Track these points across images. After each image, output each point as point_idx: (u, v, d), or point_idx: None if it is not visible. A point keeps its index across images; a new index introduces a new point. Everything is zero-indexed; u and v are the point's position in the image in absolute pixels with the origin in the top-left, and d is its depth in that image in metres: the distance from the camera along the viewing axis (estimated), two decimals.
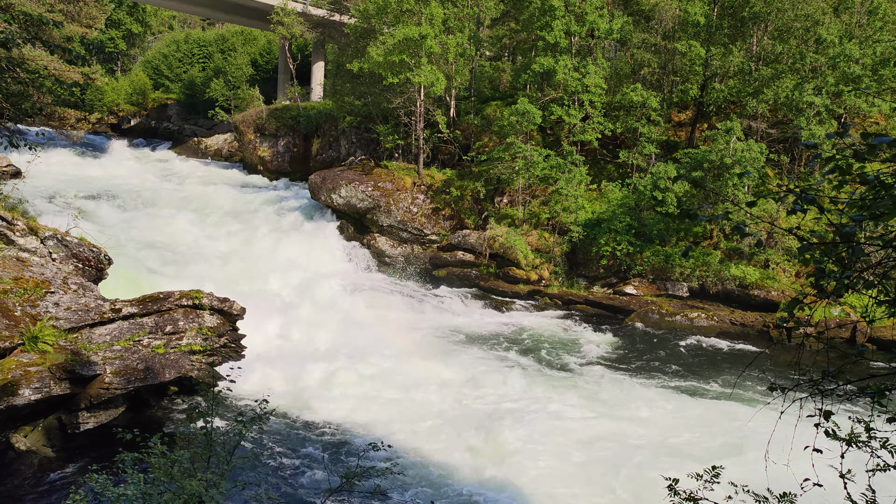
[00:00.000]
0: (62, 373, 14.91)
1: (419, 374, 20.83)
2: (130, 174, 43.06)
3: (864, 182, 3.55)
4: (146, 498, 5.58)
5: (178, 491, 5.47)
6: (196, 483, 5.46)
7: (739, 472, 5.75)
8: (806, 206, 3.60)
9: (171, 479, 5.64)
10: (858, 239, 3.55)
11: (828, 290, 3.86)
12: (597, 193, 33.34)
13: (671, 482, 5.18)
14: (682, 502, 5.05)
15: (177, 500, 5.41)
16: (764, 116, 32.44)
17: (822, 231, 3.98)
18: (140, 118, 66.74)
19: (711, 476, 5.08)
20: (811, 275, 3.82)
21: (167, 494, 5.47)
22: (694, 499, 5.00)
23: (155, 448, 5.92)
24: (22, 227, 18.23)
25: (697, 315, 28.26)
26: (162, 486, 5.60)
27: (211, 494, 5.56)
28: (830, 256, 3.65)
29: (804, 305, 4.08)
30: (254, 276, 27.53)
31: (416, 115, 34.57)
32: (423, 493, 14.26)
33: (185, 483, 5.49)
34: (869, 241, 3.74)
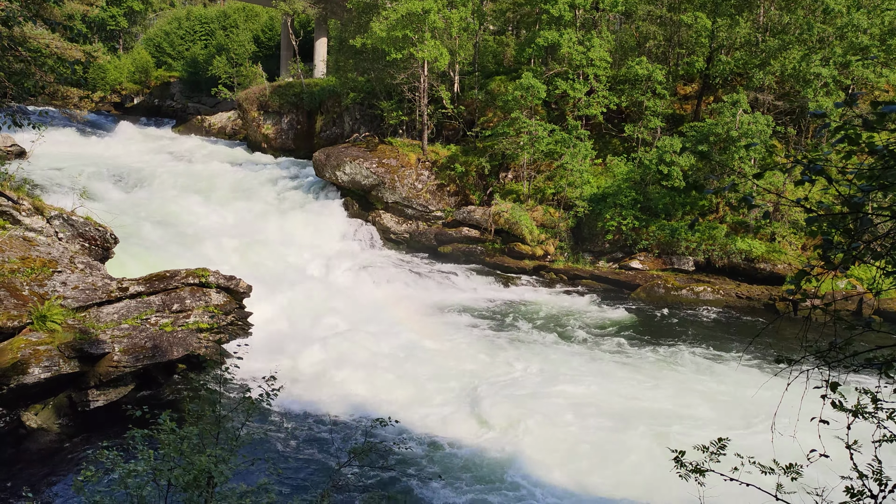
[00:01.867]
0: (71, 351, 15.02)
1: (424, 350, 20.92)
2: (134, 153, 43.02)
3: (873, 152, 3.51)
4: (156, 473, 5.64)
5: (187, 466, 5.53)
6: (205, 459, 5.52)
7: (746, 444, 5.78)
8: (814, 177, 3.57)
9: (180, 455, 5.70)
10: (866, 210, 3.52)
11: (835, 261, 3.84)
12: (602, 168, 33.19)
13: (677, 454, 5.21)
14: (688, 474, 5.08)
15: (186, 476, 5.47)
16: (770, 88, 32.15)
17: (829, 202, 3.95)
18: (143, 97, 66.51)
19: (718, 448, 5.11)
20: (818, 247, 3.80)
21: (177, 470, 5.53)
22: (700, 470, 5.03)
23: (164, 425, 5.97)
24: (28, 206, 18.26)
25: (703, 289, 28.24)
26: (172, 462, 5.67)
27: (220, 470, 5.62)
28: (838, 228, 3.62)
29: (811, 277, 4.06)
30: (259, 254, 27.57)
31: (420, 90, 34.37)
32: (430, 466, 14.38)
33: (195, 459, 5.55)
34: (877, 211, 3.71)
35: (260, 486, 6.20)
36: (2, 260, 16.19)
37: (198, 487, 5.54)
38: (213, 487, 5.67)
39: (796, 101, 31.10)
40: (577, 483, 14.02)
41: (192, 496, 5.55)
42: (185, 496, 5.61)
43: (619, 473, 14.34)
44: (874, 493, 4.31)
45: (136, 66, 66.86)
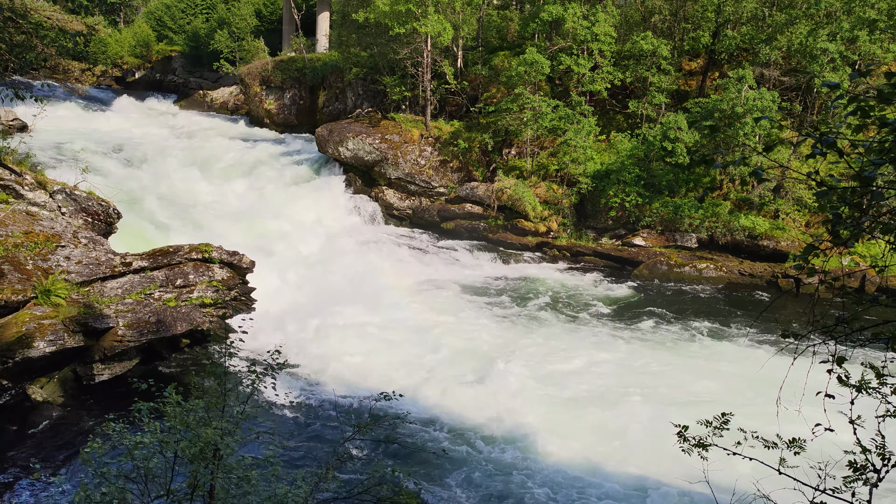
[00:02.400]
0: (75, 325, 15.08)
1: (427, 326, 20.99)
2: (136, 128, 42.88)
3: (884, 125, 3.48)
4: (163, 445, 5.69)
5: (193, 439, 5.58)
6: (211, 431, 5.56)
7: (749, 420, 5.80)
8: (825, 150, 3.53)
9: (186, 428, 5.74)
10: (877, 184, 3.49)
11: (843, 236, 3.81)
12: (606, 144, 33.04)
13: (681, 429, 5.23)
14: (691, 448, 5.11)
15: (193, 448, 5.52)
16: (777, 64, 31.88)
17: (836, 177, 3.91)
18: (144, 71, 66.12)
19: (721, 423, 5.13)
20: (826, 221, 3.78)
21: (183, 442, 5.57)
22: (703, 445, 5.06)
23: (170, 398, 6.01)
24: (30, 180, 18.24)
25: (706, 266, 28.23)
26: (178, 435, 5.71)
27: (226, 442, 5.66)
28: (847, 202, 3.60)
29: (819, 252, 4.05)
30: (261, 230, 27.57)
31: (423, 65, 34.13)
32: (434, 441, 14.49)
33: (201, 431, 5.59)
34: (888, 185, 3.68)
35: (265, 458, 6.26)
36: (5, 234, 16.21)
37: (204, 459, 5.59)
38: (219, 460, 5.72)
39: (802, 77, 30.86)
40: (581, 457, 14.12)
41: (199, 468, 5.60)
42: (191, 468, 5.66)
43: (623, 448, 14.43)
44: (877, 467, 4.34)
45: (137, 40, 66.40)
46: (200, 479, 5.64)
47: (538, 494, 12.88)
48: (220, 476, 5.76)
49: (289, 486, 6.20)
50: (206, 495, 5.78)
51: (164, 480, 5.80)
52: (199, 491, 5.74)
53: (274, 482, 6.13)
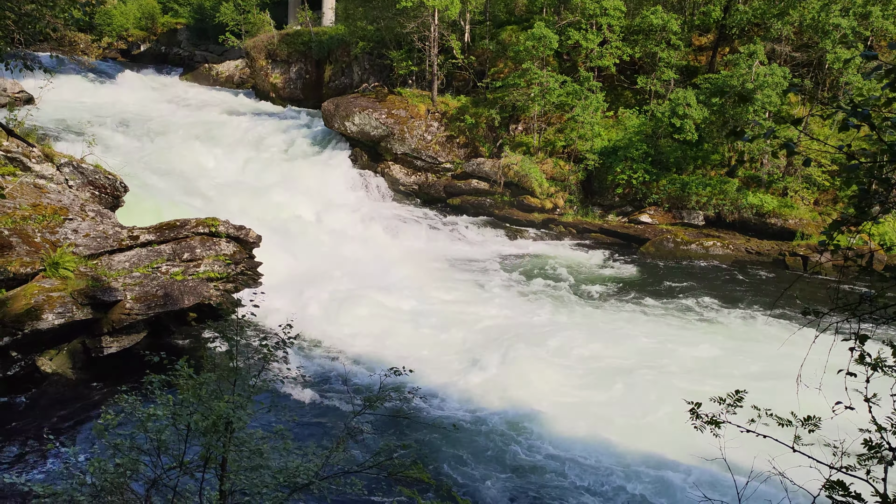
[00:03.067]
0: (84, 298, 15.14)
1: (434, 301, 21.01)
2: (142, 101, 42.69)
3: None
4: (176, 418, 5.71)
5: (206, 412, 5.59)
6: (224, 404, 5.57)
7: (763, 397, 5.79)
8: (859, 123, 3.46)
9: (199, 401, 5.76)
10: None
11: (871, 212, 3.76)
12: (613, 121, 32.80)
13: (693, 406, 5.22)
14: (704, 426, 5.10)
15: (205, 421, 5.54)
16: (788, 39, 31.52)
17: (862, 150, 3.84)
18: (150, 44, 65.66)
19: (734, 400, 5.12)
20: (853, 196, 3.71)
21: (196, 415, 5.59)
22: (716, 422, 5.05)
23: (182, 371, 6.02)
24: (38, 153, 18.21)
25: (713, 243, 28.14)
26: (191, 407, 5.73)
27: (239, 415, 5.68)
28: (876, 177, 3.54)
29: (844, 230, 3.99)
30: (267, 204, 27.53)
31: (430, 40, 33.84)
32: (444, 416, 14.56)
33: (213, 404, 5.60)
34: None
35: (276, 431, 6.29)
36: (13, 206, 16.22)
37: (216, 432, 5.61)
38: (231, 433, 5.74)
39: (814, 53, 30.52)
40: (591, 435, 14.17)
41: (211, 440, 5.63)
42: (203, 440, 5.68)
43: (633, 426, 14.47)
44: (892, 445, 4.32)
45: (143, 12, 65.88)
46: (213, 452, 5.66)
47: (547, 468, 12.95)
48: (233, 449, 5.79)
49: (300, 459, 6.23)
50: (219, 467, 5.82)
51: (177, 452, 5.83)
52: (211, 463, 5.77)
53: (285, 455, 6.17)
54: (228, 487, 5.80)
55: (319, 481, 5.96)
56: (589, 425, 14.44)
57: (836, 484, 4.07)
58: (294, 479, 5.86)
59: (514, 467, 12.98)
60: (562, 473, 12.78)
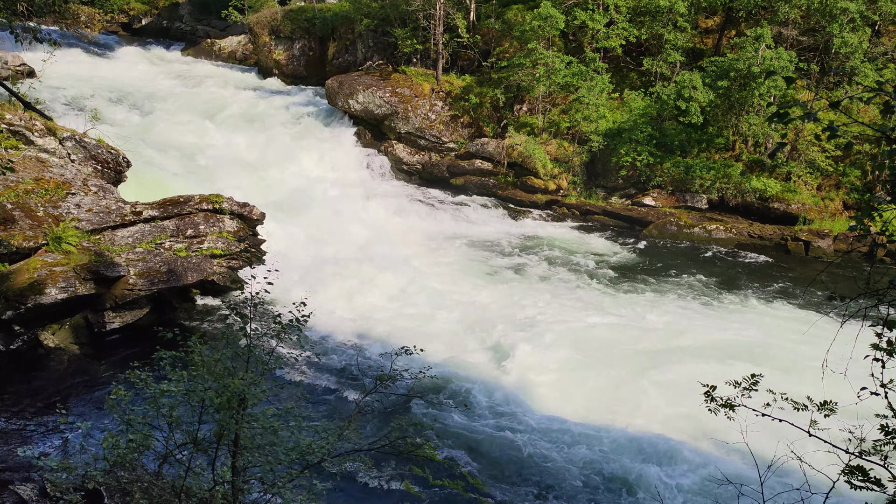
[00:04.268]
0: (87, 273, 15.13)
1: (437, 281, 21.00)
2: (144, 76, 42.40)
3: None
4: (189, 394, 5.71)
5: (220, 389, 5.58)
6: (238, 381, 5.56)
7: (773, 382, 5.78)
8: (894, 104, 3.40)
9: (213, 378, 5.75)
10: None
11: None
12: (618, 102, 32.62)
13: (708, 388, 5.21)
14: (718, 409, 5.09)
15: (220, 398, 5.53)
16: (795, 23, 31.27)
17: None
18: (151, 17, 65.07)
19: (750, 384, 5.10)
20: (887, 181, 3.66)
21: (210, 392, 5.58)
22: (731, 405, 5.04)
23: (195, 347, 6.00)
24: (40, 127, 18.10)
25: (716, 227, 28.10)
26: (205, 384, 5.72)
27: (253, 392, 5.68)
28: None
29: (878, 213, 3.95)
30: (270, 182, 27.44)
31: (436, 18, 33.55)
32: (453, 397, 14.60)
33: (228, 381, 5.59)
34: None
35: (288, 409, 6.29)
36: (16, 180, 16.15)
37: (230, 409, 5.60)
38: (244, 410, 5.74)
39: (821, 37, 30.30)
40: (597, 418, 14.21)
41: (224, 417, 5.62)
42: (217, 417, 5.68)
43: (638, 409, 14.51)
44: None
45: None
46: (226, 429, 5.66)
47: (555, 450, 13.00)
48: (246, 426, 5.79)
49: (312, 436, 6.24)
50: (231, 444, 5.83)
51: (190, 429, 5.83)
52: (224, 440, 5.77)
53: (297, 433, 6.17)
54: (241, 464, 5.81)
55: (331, 459, 5.98)
56: (594, 408, 14.49)
57: (856, 469, 4.07)
58: (306, 456, 5.88)
59: (521, 446, 13.02)
60: (568, 454, 12.83)
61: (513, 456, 12.77)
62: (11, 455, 9.32)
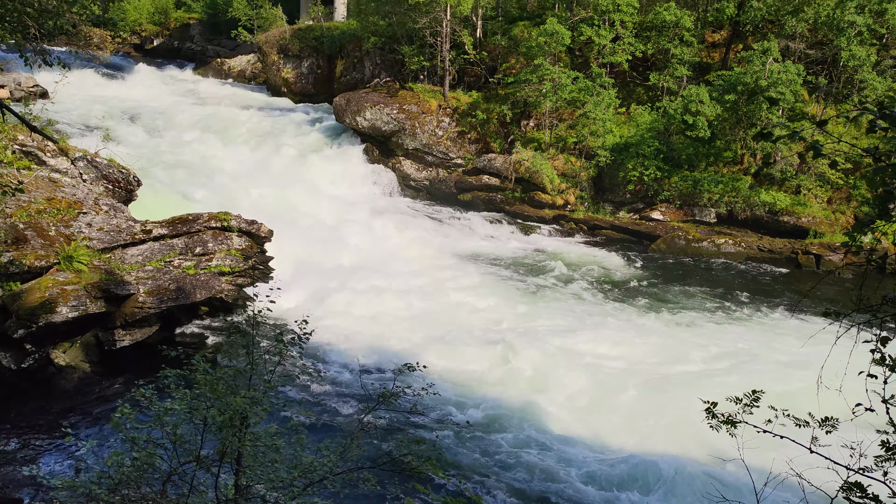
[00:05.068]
0: (97, 291, 15.24)
1: (445, 297, 21.00)
2: (155, 95, 42.83)
3: None
4: (192, 412, 5.75)
5: (222, 407, 5.63)
6: (240, 399, 5.60)
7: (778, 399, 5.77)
8: (887, 126, 3.44)
9: (216, 396, 5.79)
10: None
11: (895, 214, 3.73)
12: (625, 117, 32.68)
13: (709, 405, 5.21)
14: (720, 425, 5.09)
15: (222, 416, 5.57)
16: (803, 36, 31.31)
17: None
18: (163, 38, 65.83)
19: (751, 400, 5.10)
20: (878, 198, 3.68)
21: (213, 410, 5.62)
22: (732, 422, 5.04)
23: (199, 365, 6.05)
24: (53, 147, 18.32)
25: (725, 241, 28.02)
26: (208, 402, 5.76)
27: (255, 411, 5.72)
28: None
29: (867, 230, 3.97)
30: (279, 199, 27.59)
31: (442, 35, 33.79)
32: (457, 413, 14.57)
33: (230, 399, 5.63)
34: None
35: (291, 427, 6.32)
36: (28, 200, 16.33)
37: (232, 427, 5.64)
38: (247, 428, 5.77)
39: (829, 50, 30.31)
40: (602, 435, 14.14)
41: (227, 435, 5.66)
42: (220, 435, 5.72)
43: (647, 425, 14.43)
44: None
45: (156, 7, 66.04)
46: (229, 447, 5.70)
47: (558, 467, 12.95)
48: (248, 444, 5.82)
49: (314, 454, 6.26)
50: (234, 462, 5.86)
51: (193, 447, 5.86)
52: (227, 458, 5.81)
53: (300, 451, 6.20)
54: (244, 482, 5.84)
55: (333, 476, 5.99)
56: (600, 424, 14.43)
57: (854, 485, 4.06)
58: (309, 473, 5.90)
59: (525, 465, 12.97)
60: (570, 473, 12.77)
61: (518, 475, 12.72)
62: (17, 473, 9.37)
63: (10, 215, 15.50)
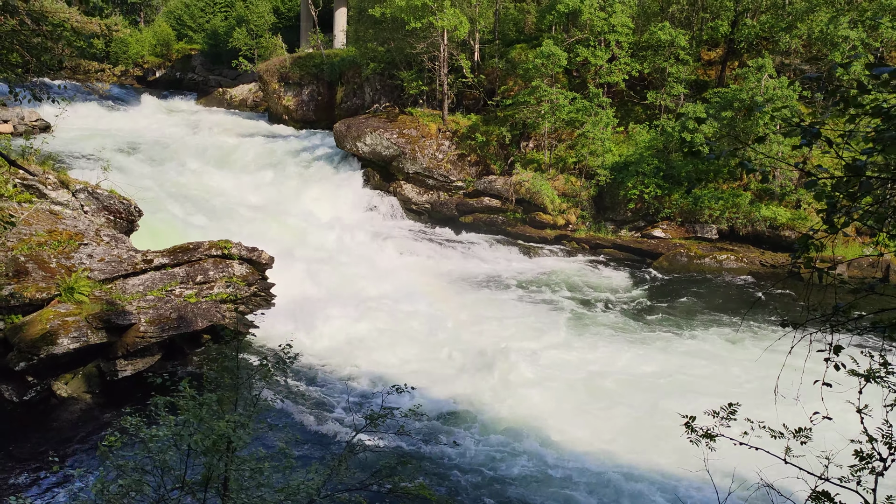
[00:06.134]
0: (98, 322, 15.32)
1: (445, 319, 21.04)
2: (157, 126, 43.31)
3: (878, 115, 3.47)
4: (177, 438, 5.81)
5: (206, 432, 5.68)
6: (224, 424, 5.66)
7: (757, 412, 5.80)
8: (812, 141, 3.53)
9: (200, 421, 5.85)
10: (869, 173, 3.48)
11: (838, 225, 3.81)
12: (624, 136, 32.85)
13: (688, 419, 5.25)
14: (699, 439, 5.12)
15: (206, 441, 5.62)
16: (797, 52, 31.51)
17: (824, 167, 3.91)
18: (165, 69, 66.71)
19: (728, 413, 5.14)
20: (820, 211, 3.77)
21: (197, 435, 5.68)
22: (710, 435, 5.07)
23: (184, 391, 6.12)
24: (53, 180, 18.53)
25: (726, 257, 28.02)
26: (192, 428, 5.82)
27: (239, 435, 5.77)
28: (841, 191, 3.59)
29: (817, 243, 4.04)
30: (280, 225, 27.77)
31: (440, 60, 34.13)
32: (446, 434, 14.55)
33: (214, 424, 5.69)
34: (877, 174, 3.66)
35: (279, 450, 6.36)
36: (29, 233, 16.50)
37: (217, 452, 5.69)
38: (233, 452, 5.82)
39: (824, 65, 30.47)
40: (601, 453, 14.11)
41: (212, 460, 5.71)
42: (205, 460, 5.77)
43: (643, 442, 14.40)
44: (883, 456, 4.33)
45: (158, 40, 67.00)
46: (214, 472, 5.74)
47: (551, 484, 12.91)
48: (234, 468, 5.87)
49: (302, 477, 6.30)
50: (221, 487, 5.90)
51: (179, 473, 5.91)
52: (212, 483, 5.85)
53: (287, 474, 6.24)
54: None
55: (321, 499, 6.03)
56: (597, 442, 14.39)
57: (822, 494, 4.09)
58: (295, 496, 5.94)
59: (517, 483, 12.93)
60: (565, 493, 12.72)
61: (507, 490, 12.67)
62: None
63: (11, 248, 15.66)
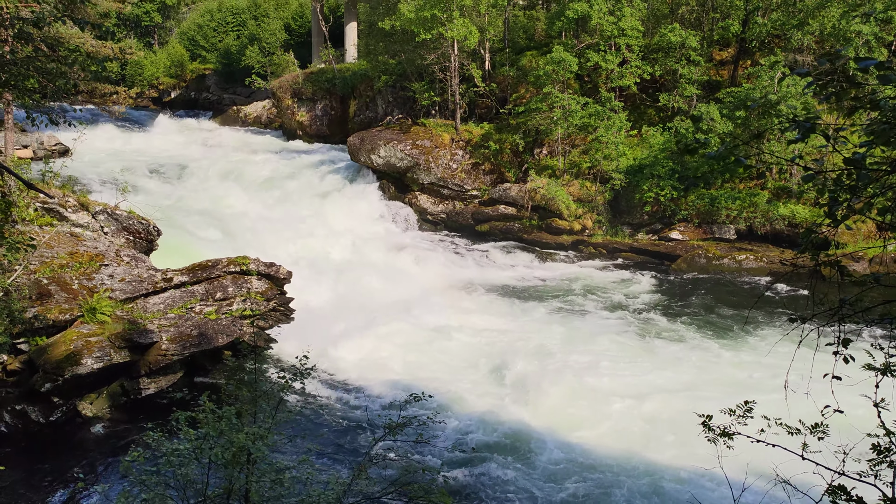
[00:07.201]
0: (121, 342, 15.51)
1: (463, 327, 21.06)
2: (174, 146, 43.78)
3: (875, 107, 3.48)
4: (198, 452, 5.88)
5: (226, 444, 5.76)
6: (243, 436, 5.73)
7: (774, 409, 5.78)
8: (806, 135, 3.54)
9: (219, 434, 5.93)
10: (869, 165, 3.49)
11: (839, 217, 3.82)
12: (638, 139, 32.76)
13: (705, 418, 5.24)
14: (716, 438, 5.12)
15: (226, 453, 5.70)
16: (810, 49, 31.31)
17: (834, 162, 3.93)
18: (180, 90, 67.48)
19: (745, 411, 5.13)
20: (823, 204, 3.78)
21: (217, 448, 5.75)
22: (728, 434, 5.06)
23: (205, 406, 6.20)
24: (73, 203, 18.81)
25: (746, 257, 27.82)
26: (212, 441, 5.89)
27: (258, 447, 5.83)
28: (842, 185, 3.60)
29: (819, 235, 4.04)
30: (298, 240, 27.94)
31: (451, 70, 34.28)
32: (465, 441, 14.55)
33: (233, 437, 5.77)
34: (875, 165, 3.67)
35: (299, 461, 6.42)
36: (51, 256, 16.75)
37: (237, 464, 5.76)
38: (253, 464, 5.89)
39: (838, 61, 30.23)
40: (621, 459, 14.03)
41: (233, 472, 5.78)
42: (226, 472, 5.84)
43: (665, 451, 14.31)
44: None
45: (172, 61, 67.82)
46: (235, 484, 5.81)
47: (569, 492, 12.87)
48: (254, 480, 5.94)
49: (322, 487, 6.35)
50: (242, 499, 5.97)
51: (202, 486, 5.99)
52: (234, 495, 5.92)
53: (308, 484, 6.29)
54: None
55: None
56: (616, 450, 14.32)
57: (838, 489, 4.07)
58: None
59: (535, 490, 12.89)
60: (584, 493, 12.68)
61: (527, 497, 12.64)
62: None
63: (33, 271, 15.90)
